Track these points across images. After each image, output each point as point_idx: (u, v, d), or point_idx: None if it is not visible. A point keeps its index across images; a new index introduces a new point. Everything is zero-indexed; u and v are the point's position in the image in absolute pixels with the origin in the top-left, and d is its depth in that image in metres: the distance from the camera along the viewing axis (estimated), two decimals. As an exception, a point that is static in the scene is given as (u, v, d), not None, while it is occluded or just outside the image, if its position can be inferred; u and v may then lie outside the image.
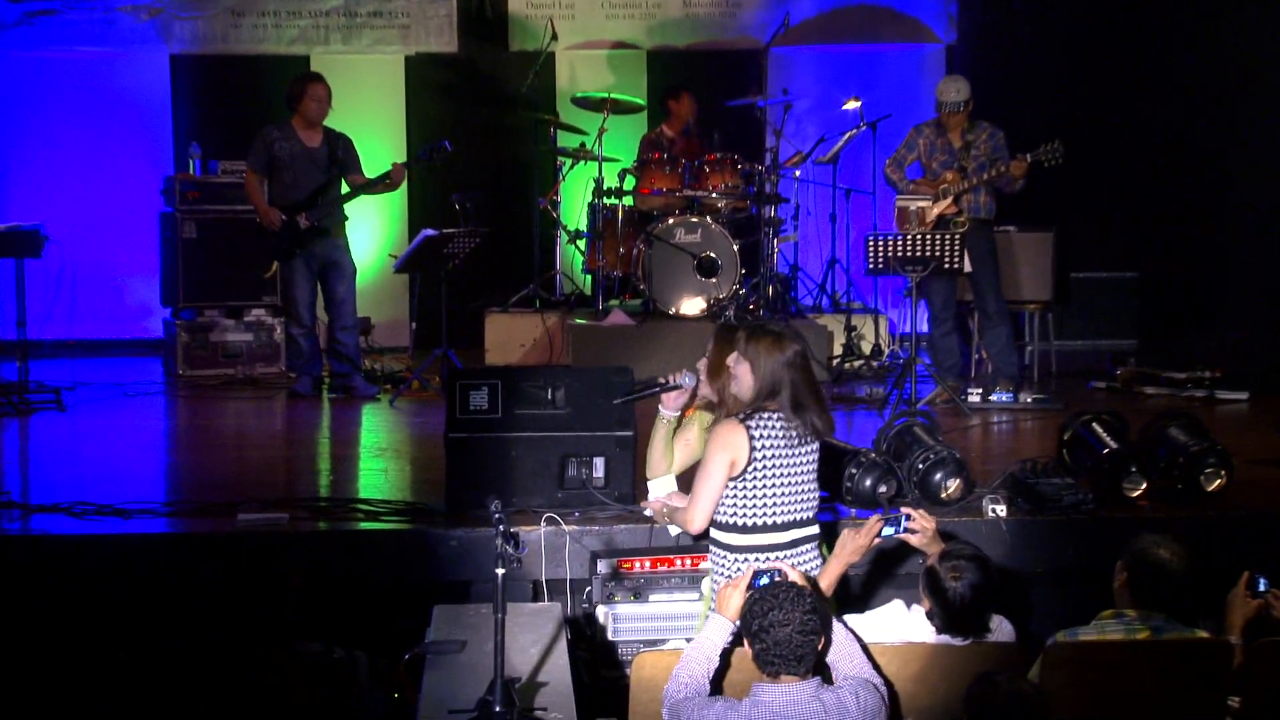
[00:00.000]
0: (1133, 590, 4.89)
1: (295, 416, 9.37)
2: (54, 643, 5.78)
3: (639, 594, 5.72)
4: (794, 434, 4.87)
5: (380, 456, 7.90)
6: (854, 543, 4.90)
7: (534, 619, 4.96)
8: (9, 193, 11.57)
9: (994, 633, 4.92)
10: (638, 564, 5.75)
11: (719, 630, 4.51)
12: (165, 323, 11.10)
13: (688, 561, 5.74)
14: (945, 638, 4.80)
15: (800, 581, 4.48)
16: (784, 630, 4.25)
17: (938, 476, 6.29)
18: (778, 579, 4.47)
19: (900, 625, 4.92)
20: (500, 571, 4.20)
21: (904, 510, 5.01)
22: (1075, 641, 4.80)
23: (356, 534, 6.15)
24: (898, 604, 5.04)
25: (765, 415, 4.86)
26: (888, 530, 4.88)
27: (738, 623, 4.45)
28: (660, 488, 5.36)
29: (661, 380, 5.20)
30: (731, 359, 4.94)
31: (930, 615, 4.86)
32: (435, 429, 7.56)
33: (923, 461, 6.32)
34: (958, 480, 6.31)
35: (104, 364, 11.05)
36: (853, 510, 6.24)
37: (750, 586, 4.47)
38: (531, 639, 4.81)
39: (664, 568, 5.75)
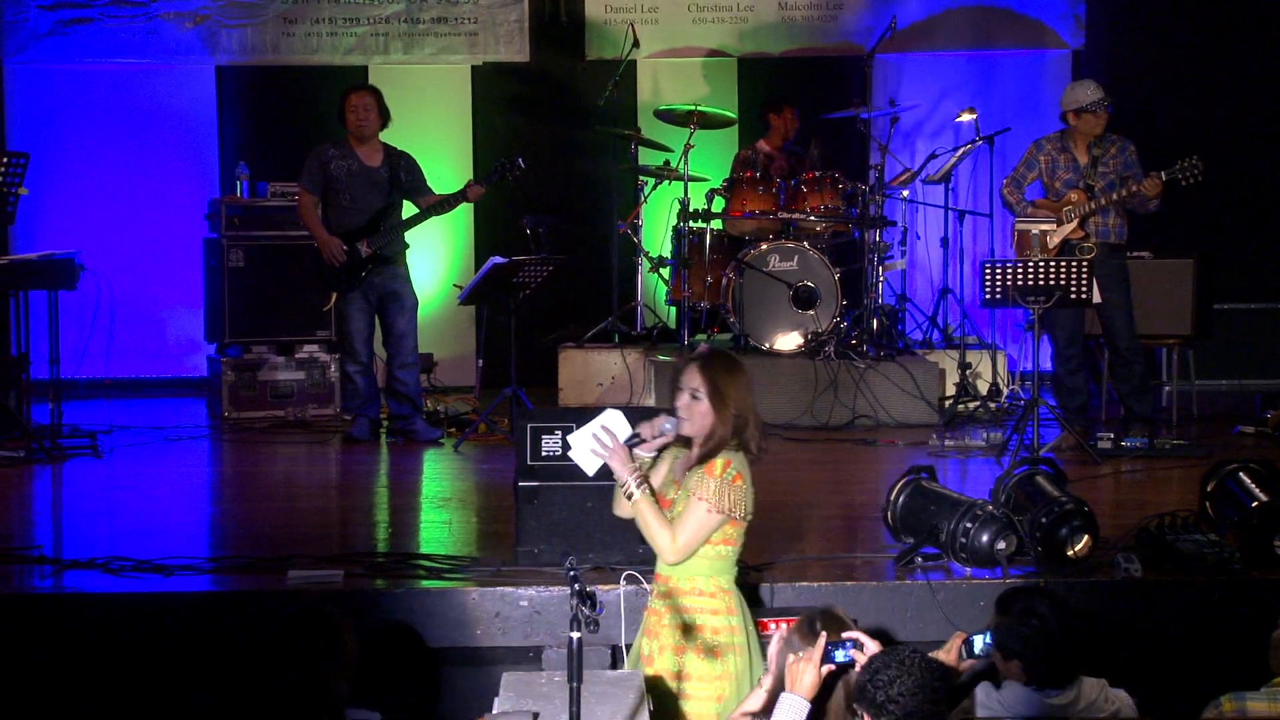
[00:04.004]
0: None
1: (350, 463, 9.45)
2: (86, 709, 5.86)
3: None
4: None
5: (443, 507, 7.94)
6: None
7: (613, 688, 4.95)
8: (42, 218, 11.74)
9: (1109, 703, 4.90)
10: (727, 628, 5.73)
11: (794, 712, 4.49)
12: (210, 360, 11.22)
13: (782, 626, 5.72)
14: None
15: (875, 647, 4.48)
16: (914, 700, 4.23)
17: (1063, 532, 6.25)
18: (852, 650, 4.46)
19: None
20: (575, 635, 4.20)
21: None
22: (1245, 710, 4.74)
23: (417, 593, 6.18)
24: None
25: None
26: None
27: (809, 702, 4.43)
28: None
29: (641, 435, 5.11)
30: (704, 389, 4.95)
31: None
32: (504, 477, 7.61)
33: (1046, 515, 6.27)
34: (1086, 536, 6.26)
35: (143, 405, 11.19)
36: (968, 570, 6.20)
37: (826, 660, 4.46)
38: (610, 710, 4.80)
39: (759, 632, 5.72)
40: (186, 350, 12.13)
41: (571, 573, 4.33)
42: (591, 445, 4.94)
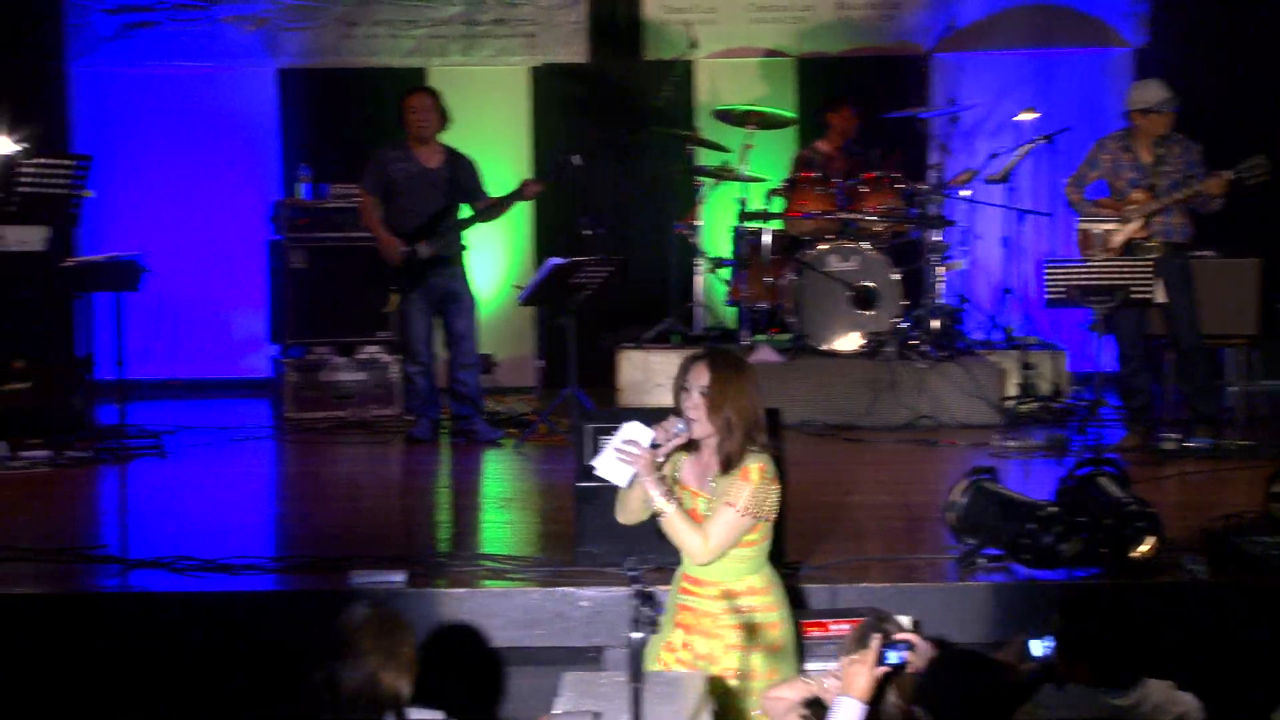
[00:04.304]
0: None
1: (412, 464, 9.49)
2: (152, 707, 5.91)
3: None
4: None
5: (504, 508, 7.97)
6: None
7: (674, 689, 4.95)
8: (106, 220, 11.83)
9: (1176, 706, 4.86)
10: (788, 629, 5.73)
11: (849, 715, 4.49)
12: (273, 360, 11.29)
13: (844, 626, 5.71)
14: None
15: (931, 651, 4.47)
16: (974, 701, 4.23)
17: (1128, 533, 6.21)
18: (907, 652, 4.45)
19: None
20: (637, 635, 4.21)
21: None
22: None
23: (478, 593, 6.20)
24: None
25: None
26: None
27: (865, 704, 4.43)
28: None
29: (657, 440, 5.05)
30: (713, 389, 4.94)
31: None
32: (564, 477, 7.62)
33: (1110, 516, 6.24)
34: (1151, 537, 6.22)
35: (207, 406, 11.27)
36: (1030, 571, 6.17)
37: (880, 662, 4.46)
38: (671, 710, 4.80)
39: (817, 633, 5.73)
40: (249, 351, 12.20)
41: (632, 573, 4.34)
42: (618, 457, 4.89)
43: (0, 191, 8.78)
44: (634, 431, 4.84)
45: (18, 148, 9.14)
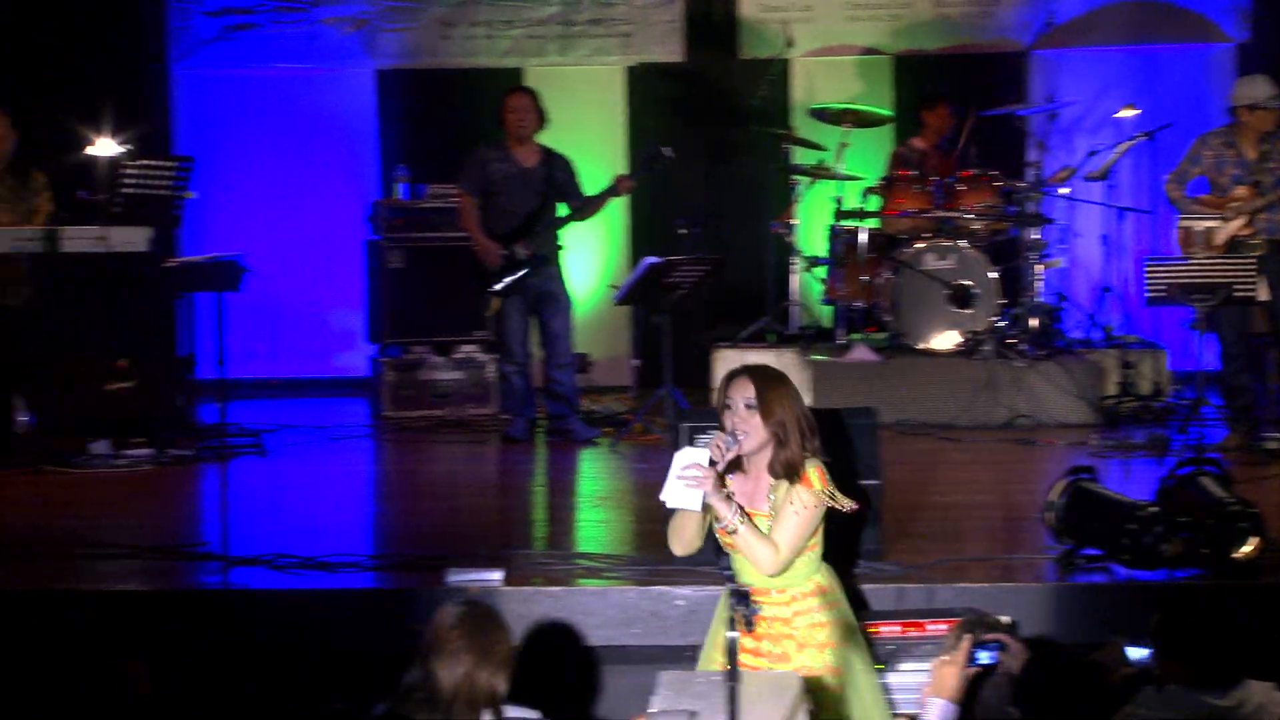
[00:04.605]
0: None
1: (508, 462, 9.54)
2: (252, 703, 5.97)
3: (887, 662, 5.67)
4: None
5: (600, 506, 7.99)
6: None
7: (771, 688, 4.94)
8: (207, 221, 11.95)
9: (1277, 707, 4.80)
10: (886, 628, 5.72)
11: (941, 716, 4.47)
12: (371, 360, 11.38)
13: (940, 626, 5.69)
14: None
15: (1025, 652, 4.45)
16: (1071, 702, 4.21)
17: (1230, 533, 6.14)
18: (999, 653, 4.43)
19: None
20: (733, 635, 4.21)
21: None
22: None
23: (574, 592, 6.21)
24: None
25: None
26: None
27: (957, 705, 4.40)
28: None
29: (712, 458, 5.02)
30: (759, 402, 4.91)
31: None
32: (659, 476, 7.60)
33: (1212, 516, 6.17)
34: (1254, 538, 6.15)
35: (306, 404, 11.36)
36: (1130, 572, 6.12)
37: (971, 662, 4.43)
38: (768, 710, 4.80)
39: (916, 633, 5.70)
40: (347, 350, 12.30)
41: (727, 572, 4.35)
42: (684, 484, 4.87)
43: (105, 193, 8.93)
44: (691, 456, 4.83)
45: (122, 150, 9.28)
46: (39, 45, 11.34)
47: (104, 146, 9.25)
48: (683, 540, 5.07)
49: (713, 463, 4.84)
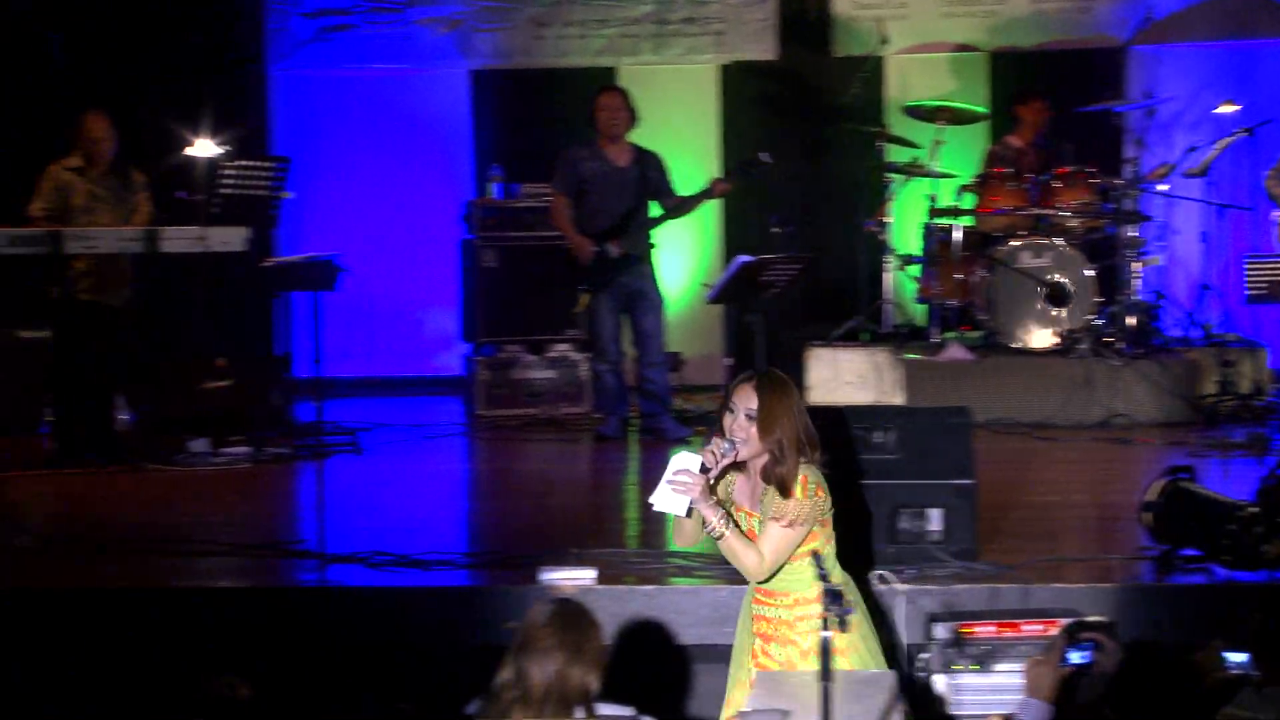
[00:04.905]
0: None
1: (601, 461, 9.56)
2: (349, 699, 6.02)
3: (984, 663, 5.64)
4: None
5: (693, 505, 7.98)
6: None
7: (864, 688, 4.93)
8: (304, 221, 12.05)
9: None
10: (980, 628, 5.68)
11: (1036, 716, 4.43)
12: (465, 358, 11.43)
13: (1039, 626, 5.65)
14: None
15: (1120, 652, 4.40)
16: (1167, 702, 4.17)
17: (1331, 535, 6.06)
18: (1093, 652, 4.38)
19: None
20: (826, 634, 4.20)
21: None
22: None
23: (667, 590, 6.23)
24: None
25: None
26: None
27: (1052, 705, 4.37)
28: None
29: (706, 464, 5.01)
30: (760, 410, 4.88)
31: None
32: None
33: (1313, 517, 6.09)
34: (1356, 539, 6.06)
35: (401, 403, 11.44)
36: (1230, 572, 6.04)
37: (1063, 663, 4.39)
38: (862, 710, 4.78)
39: (1011, 634, 5.66)
40: (442, 349, 12.37)
41: (820, 572, 4.34)
42: (673, 489, 4.89)
43: (204, 194, 9.03)
44: (684, 461, 4.86)
45: (220, 151, 9.38)
46: (138, 48, 11.50)
47: (203, 147, 9.35)
48: (683, 536, 5.12)
49: (705, 469, 4.86)
